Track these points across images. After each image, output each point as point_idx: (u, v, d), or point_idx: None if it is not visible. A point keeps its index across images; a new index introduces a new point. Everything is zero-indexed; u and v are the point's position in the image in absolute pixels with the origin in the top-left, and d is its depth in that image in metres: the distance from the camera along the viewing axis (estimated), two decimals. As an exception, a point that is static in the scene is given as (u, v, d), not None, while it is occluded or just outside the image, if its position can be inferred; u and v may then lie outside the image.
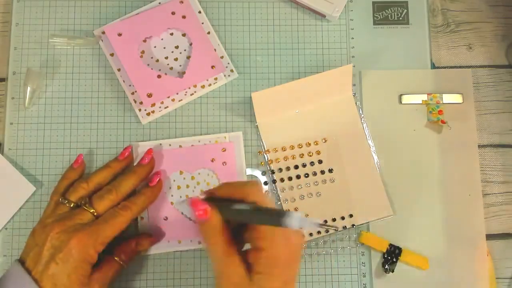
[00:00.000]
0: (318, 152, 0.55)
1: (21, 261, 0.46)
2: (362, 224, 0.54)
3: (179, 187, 0.54)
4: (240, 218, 0.43)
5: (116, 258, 0.49)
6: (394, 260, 0.53)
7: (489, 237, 0.55)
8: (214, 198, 0.45)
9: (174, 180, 0.54)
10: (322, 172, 0.55)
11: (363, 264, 0.54)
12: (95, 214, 0.48)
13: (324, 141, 0.55)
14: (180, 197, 0.54)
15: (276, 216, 0.39)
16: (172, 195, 0.54)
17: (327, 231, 0.53)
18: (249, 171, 0.55)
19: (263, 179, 0.55)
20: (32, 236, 0.47)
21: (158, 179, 0.52)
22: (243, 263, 0.42)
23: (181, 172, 0.54)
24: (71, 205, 0.48)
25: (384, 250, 0.53)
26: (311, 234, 0.53)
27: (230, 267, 0.41)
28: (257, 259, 0.41)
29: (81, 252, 0.45)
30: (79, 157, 0.53)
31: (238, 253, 0.42)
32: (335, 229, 0.53)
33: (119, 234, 0.48)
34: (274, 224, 0.40)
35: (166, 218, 0.53)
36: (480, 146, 0.57)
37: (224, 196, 0.44)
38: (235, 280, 0.41)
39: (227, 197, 0.44)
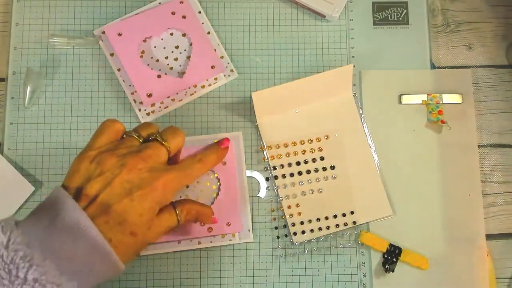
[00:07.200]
0: (320, 149, 0.55)
1: (65, 187, 0.41)
2: (362, 224, 0.54)
3: (179, 187, 0.54)
4: None
5: (177, 211, 0.45)
6: (394, 260, 0.53)
7: (489, 237, 0.55)
8: None
9: (174, 180, 0.54)
10: (324, 168, 0.55)
11: (363, 264, 0.54)
12: (169, 154, 0.45)
13: (326, 137, 0.55)
14: (180, 196, 0.54)
15: None
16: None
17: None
18: (248, 173, 0.55)
19: (263, 176, 0.55)
20: (88, 161, 0.42)
21: (228, 143, 0.52)
22: None
23: (181, 172, 0.54)
24: (141, 140, 0.45)
25: (384, 250, 0.53)
26: (312, 231, 0.53)
27: None
28: None
29: (162, 195, 0.42)
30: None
31: None
32: None
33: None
34: None
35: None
36: (480, 146, 0.57)
37: None
38: None
39: None
